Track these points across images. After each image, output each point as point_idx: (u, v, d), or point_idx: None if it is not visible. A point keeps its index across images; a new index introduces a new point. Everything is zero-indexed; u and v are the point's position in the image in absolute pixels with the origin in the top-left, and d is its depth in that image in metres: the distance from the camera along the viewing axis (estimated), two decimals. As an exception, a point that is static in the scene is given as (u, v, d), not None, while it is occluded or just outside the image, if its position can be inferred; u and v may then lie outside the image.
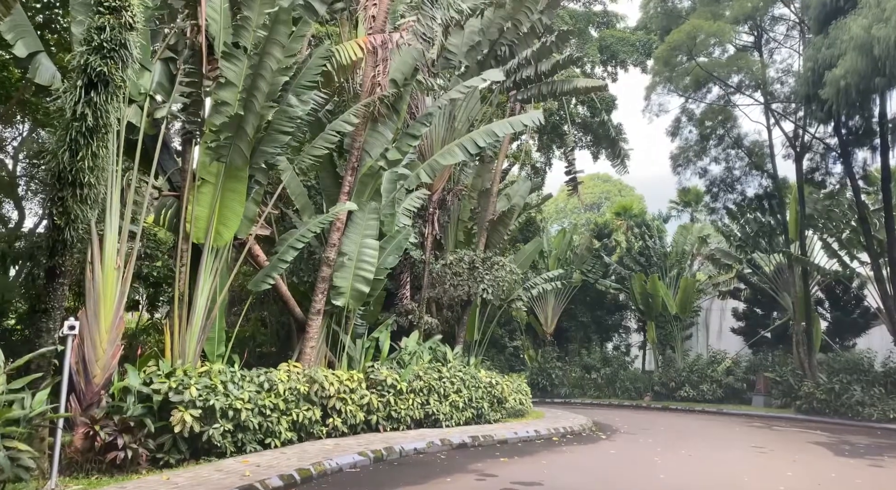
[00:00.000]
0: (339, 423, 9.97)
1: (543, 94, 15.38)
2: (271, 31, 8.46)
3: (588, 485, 8.06)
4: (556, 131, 29.06)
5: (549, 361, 24.66)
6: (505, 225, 16.85)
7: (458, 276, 15.26)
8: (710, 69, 20.68)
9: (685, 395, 23.13)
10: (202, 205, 8.89)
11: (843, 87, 12.39)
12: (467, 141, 11.91)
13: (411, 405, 11.27)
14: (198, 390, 7.79)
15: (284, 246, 9.73)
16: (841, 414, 18.84)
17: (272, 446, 8.74)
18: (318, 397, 9.72)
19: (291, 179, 11.25)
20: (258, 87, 8.61)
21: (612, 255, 27.94)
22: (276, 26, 8.49)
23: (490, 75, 12.95)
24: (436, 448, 10.08)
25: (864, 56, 11.84)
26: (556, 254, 25.87)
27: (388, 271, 12.11)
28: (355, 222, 11.30)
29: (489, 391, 13.06)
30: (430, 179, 11.83)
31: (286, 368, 9.64)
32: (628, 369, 26.03)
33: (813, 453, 11.61)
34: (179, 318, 8.71)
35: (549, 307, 25.29)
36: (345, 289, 11.19)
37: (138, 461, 7.17)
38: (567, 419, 14.69)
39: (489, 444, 10.88)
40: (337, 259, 11.09)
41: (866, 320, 22.96)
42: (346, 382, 10.28)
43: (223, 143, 8.61)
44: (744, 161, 22.98)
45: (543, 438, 12.01)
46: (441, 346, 13.63)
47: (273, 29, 8.44)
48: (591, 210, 50.74)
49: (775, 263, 23.44)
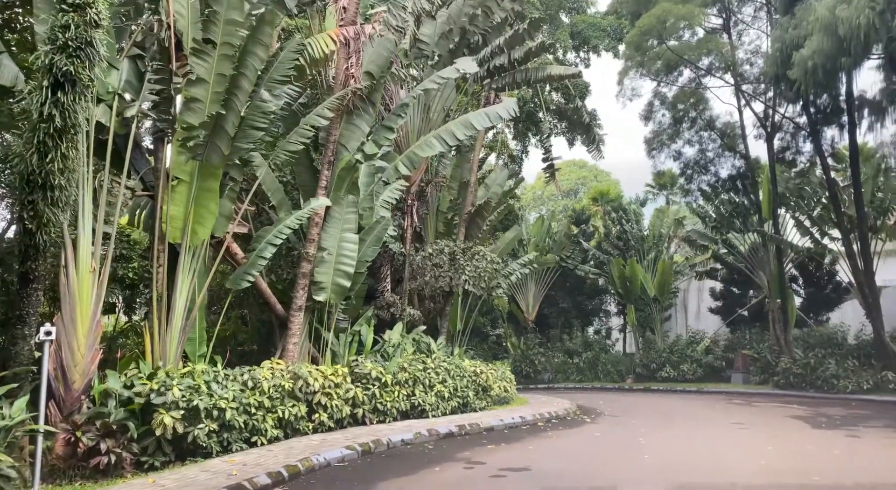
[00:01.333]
0: (325, 418, 9.96)
1: (518, 82, 15.38)
2: (254, 31, 8.35)
3: (575, 468, 8.17)
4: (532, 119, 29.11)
5: (532, 348, 24.86)
6: (484, 215, 16.89)
7: (439, 267, 15.27)
8: (680, 53, 20.86)
9: (666, 376, 23.50)
10: (177, 204, 8.76)
11: (811, 67, 12.59)
12: (445, 133, 11.87)
13: (397, 397, 11.30)
14: (181, 391, 7.72)
15: (262, 243, 9.65)
16: (817, 387, 19.30)
17: (259, 444, 8.70)
18: (302, 393, 9.69)
19: (267, 175, 11.13)
20: (240, 85, 8.51)
21: (590, 241, 28.17)
22: (259, 26, 8.38)
23: (464, 66, 12.90)
24: (423, 438, 10.12)
25: (829, 36, 12.04)
26: (534, 241, 26.01)
27: (368, 264, 12.07)
28: (333, 217, 11.24)
29: (474, 380, 13.14)
30: (409, 171, 11.79)
31: (269, 366, 9.58)
32: (610, 353, 26.33)
33: (791, 427, 11.90)
34: (159, 320, 8.60)
35: (529, 294, 25.46)
36: (326, 284, 11.15)
37: (122, 465, 7.10)
38: (551, 404, 14.84)
39: (476, 433, 10.96)
40: (316, 254, 11.02)
41: (839, 295, 23.50)
42: (331, 377, 10.26)
43: (199, 142, 8.48)
44: (716, 143, 23.30)
45: (529, 424, 12.13)
46: (425, 337, 13.66)
47: (257, 28, 8.33)
48: (568, 196, 50.97)
49: (750, 243, 23.85)
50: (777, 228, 21.91)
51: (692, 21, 20.31)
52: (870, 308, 19.12)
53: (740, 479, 7.39)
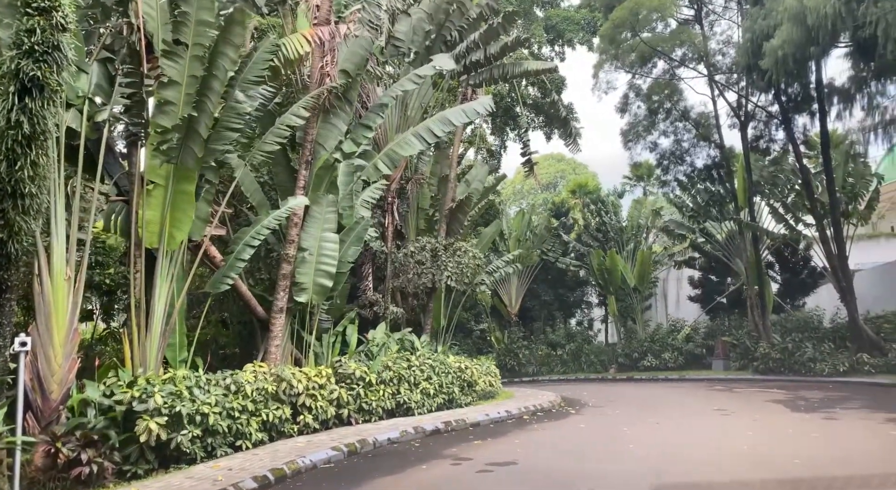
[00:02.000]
0: (310, 420, 9.91)
1: (495, 77, 15.40)
2: (224, 31, 8.22)
3: (561, 460, 8.23)
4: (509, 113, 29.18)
5: (516, 342, 24.99)
6: (465, 211, 16.90)
7: (421, 264, 15.27)
8: (654, 44, 21.06)
9: (648, 365, 23.77)
10: (153, 208, 8.63)
11: (781, 56, 12.79)
12: (423, 130, 11.84)
13: (382, 396, 11.28)
14: (163, 397, 7.62)
15: (240, 244, 9.54)
16: (795, 371, 19.66)
17: (243, 448, 8.63)
18: (286, 395, 9.63)
19: (244, 176, 11.02)
20: (211, 87, 8.38)
21: (570, 233, 28.36)
22: (229, 26, 8.25)
23: (441, 62, 12.86)
24: (409, 436, 10.12)
25: (798, 26, 12.23)
26: (515, 235, 26.12)
27: (350, 264, 12.02)
28: (313, 217, 11.15)
29: (459, 376, 13.17)
30: (389, 170, 11.75)
31: (252, 369, 9.50)
32: (592, 343, 26.59)
33: (771, 411, 12.12)
34: (138, 326, 8.48)
35: (512, 288, 25.57)
36: (307, 284, 11.07)
37: (104, 475, 6.99)
38: (536, 397, 14.93)
39: (462, 428, 10.99)
40: (297, 255, 10.94)
41: (814, 280, 23.97)
42: (315, 378, 10.21)
43: (173, 145, 8.36)
44: (691, 133, 23.59)
45: (515, 418, 12.19)
46: (409, 335, 13.65)
47: (226, 29, 8.20)
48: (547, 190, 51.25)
49: (726, 231, 24.21)
50: (753, 216, 22.26)
51: (664, 12, 20.52)
52: (844, 292, 19.52)
53: (724, 467, 7.51)
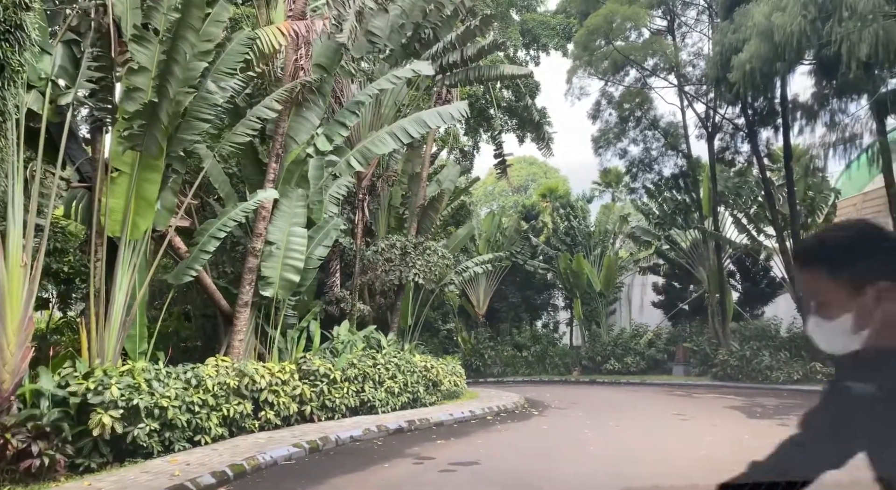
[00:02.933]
0: (271, 416, 9.79)
1: (471, 79, 15.43)
2: (184, 15, 8.05)
3: (523, 461, 8.30)
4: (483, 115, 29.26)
5: (482, 342, 25.08)
6: (436, 209, 16.90)
7: (390, 262, 15.21)
8: (626, 53, 21.36)
9: (611, 368, 24.09)
10: (117, 196, 8.42)
11: (749, 70, 13.10)
12: (398, 129, 11.78)
13: (346, 393, 11.21)
14: (119, 390, 7.44)
15: (206, 236, 9.36)
16: (752, 378, 20.14)
17: (202, 443, 8.48)
18: (248, 391, 9.50)
19: (213, 167, 10.82)
20: (172, 72, 8.18)
21: (539, 236, 28.59)
22: (187, 9, 8.07)
23: (419, 67, 12.71)
24: (372, 434, 10.08)
25: (766, 42, 12.55)
26: (485, 236, 26.22)
27: (319, 260, 11.91)
28: (282, 210, 11.01)
29: (424, 375, 13.16)
30: (362, 167, 11.65)
31: (214, 363, 9.35)
32: (557, 346, 26.83)
33: (729, 417, 12.40)
34: (97, 316, 8.26)
35: (480, 289, 25.66)
36: (273, 279, 10.93)
37: (56, 468, 6.80)
38: (500, 398, 15.02)
39: (425, 428, 10.98)
40: (264, 249, 10.79)
41: (773, 290, 24.60)
42: (278, 374, 10.09)
43: (137, 132, 8.15)
44: (660, 142, 24.00)
45: (478, 418, 12.24)
46: (375, 333, 13.59)
47: (185, 12, 8.03)
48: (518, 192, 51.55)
49: (691, 239, 24.70)
50: (717, 225, 22.76)
51: (637, 22, 20.82)
52: (800, 302, 20.07)
53: (682, 471, 7.66)
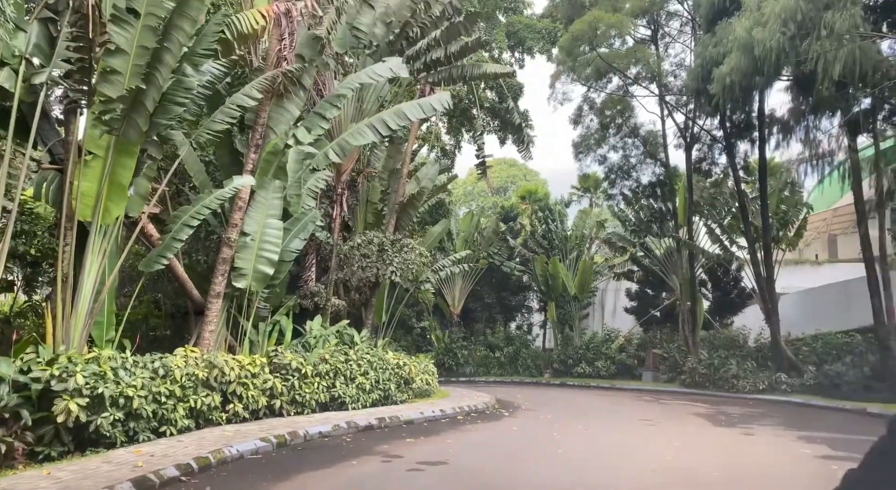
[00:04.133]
0: (240, 409, 9.68)
1: (454, 77, 15.42)
2: (179, 3, 7.89)
3: (491, 462, 8.32)
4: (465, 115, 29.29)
5: (456, 341, 25.12)
6: (415, 207, 16.86)
7: (366, 258, 15.15)
8: (610, 60, 21.55)
9: (582, 372, 24.29)
10: (89, 180, 8.23)
11: (729, 83, 13.31)
12: (377, 121, 11.70)
13: (316, 389, 11.13)
14: (84, 378, 7.28)
15: (178, 224, 9.19)
16: (719, 386, 20.46)
17: (168, 435, 8.35)
18: (217, 383, 9.38)
19: (189, 155, 10.66)
20: (162, 59, 8.04)
21: (517, 238, 28.72)
22: (188, 0, 7.93)
23: (395, 66, 12.44)
24: (341, 431, 10.02)
25: (746, 55, 12.77)
26: (463, 236, 26.26)
27: (294, 254, 11.79)
28: (258, 201, 10.88)
29: (396, 372, 13.13)
30: (340, 159, 11.54)
31: (183, 354, 9.21)
32: (530, 347, 26.99)
33: (695, 424, 12.59)
34: (63, 301, 8.07)
35: (456, 289, 25.70)
36: (247, 270, 10.79)
37: (14, 455, 6.63)
38: (472, 398, 15.05)
39: (395, 425, 10.95)
40: (238, 239, 10.65)
41: (742, 300, 25.02)
42: (248, 367, 9.98)
43: (117, 116, 7.97)
44: (639, 150, 24.27)
45: (449, 418, 12.25)
46: (348, 328, 13.51)
47: (184, 2, 7.87)
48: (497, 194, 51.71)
49: (665, 247, 25.02)
50: (691, 234, 23.09)
51: (621, 30, 21.01)
52: (769, 313, 20.47)
53: (647, 476, 7.75)
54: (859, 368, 18.35)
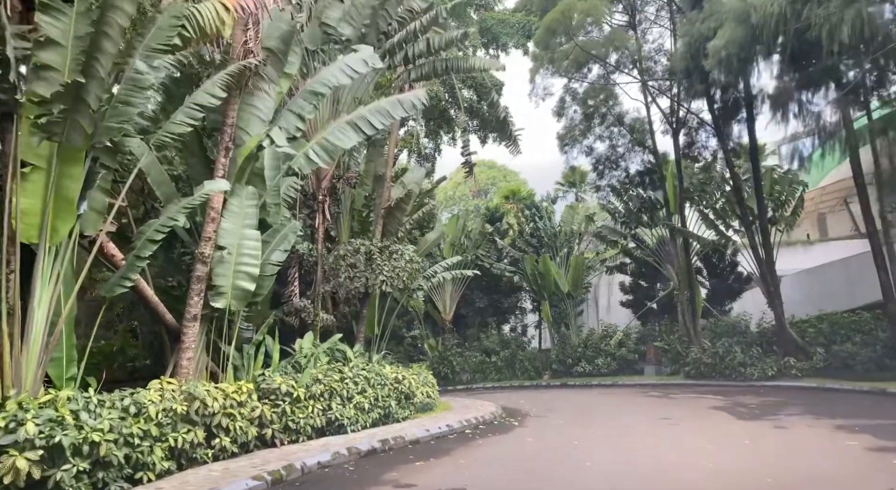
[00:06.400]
0: (227, 443, 8.64)
1: (438, 70, 14.52)
2: None
3: (515, 483, 7.39)
4: (444, 116, 28.53)
5: (450, 349, 24.22)
6: (403, 210, 15.91)
7: (354, 267, 14.17)
8: (588, 48, 20.88)
9: (582, 371, 23.56)
10: (30, 195, 7.14)
11: (725, 56, 12.63)
12: (360, 120, 10.70)
13: (311, 413, 10.11)
14: (38, 425, 6.21)
15: (142, 240, 8.12)
16: (726, 376, 19.79)
17: (144, 481, 7.29)
18: (199, 416, 8.33)
19: (152, 166, 9.60)
20: (101, 47, 7.00)
21: (504, 239, 27.94)
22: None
23: (367, 57, 11.52)
24: (342, 458, 9.03)
25: (742, 25, 12.09)
26: (450, 240, 25.42)
27: (276, 266, 10.75)
28: (232, 211, 9.83)
29: (396, 387, 12.15)
30: (322, 161, 10.46)
31: (158, 386, 8.15)
32: (526, 349, 26.18)
33: (718, 420, 11.78)
34: (11, 337, 6.98)
35: (447, 294, 24.80)
36: (225, 288, 9.72)
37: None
38: (476, 408, 14.11)
39: (401, 447, 9.98)
40: (214, 254, 9.59)
41: (740, 285, 24.47)
42: (233, 395, 8.94)
43: (56, 118, 6.92)
44: (626, 138, 23.63)
45: (457, 432, 11.30)
46: (340, 344, 12.50)
47: None
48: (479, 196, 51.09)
49: (657, 237, 24.40)
50: (683, 221, 22.46)
51: (595, 15, 20.33)
52: (771, 296, 19.85)
53: (694, 485, 6.88)
54: (871, 347, 17.77)
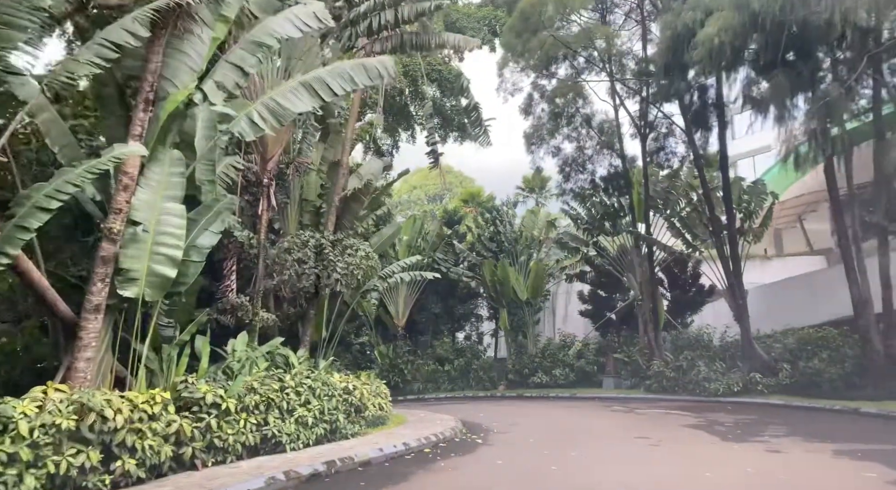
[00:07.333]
0: (132, 467, 6.91)
1: (405, 45, 13.08)
2: None
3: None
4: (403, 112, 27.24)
5: (401, 356, 22.73)
6: (359, 202, 14.33)
7: (302, 262, 12.53)
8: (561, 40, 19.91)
9: (539, 382, 22.53)
10: None
11: (717, 45, 11.68)
12: (317, 82, 9.02)
13: (243, 428, 8.45)
14: None
15: (27, 207, 6.34)
16: (689, 391, 19.01)
17: (11, 520, 5.55)
18: (95, 433, 6.60)
19: (52, 123, 7.77)
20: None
21: (462, 243, 26.67)
22: None
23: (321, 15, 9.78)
24: (279, 484, 7.42)
25: (740, 11, 11.17)
26: (406, 241, 23.98)
27: (206, 251, 9.00)
28: (151, 179, 8.05)
29: (345, 399, 10.57)
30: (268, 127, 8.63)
31: (38, 396, 6.37)
32: (481, 358, 24.94)
33: (700, 441, 10.68)
34: None
35: (400, 298, 23.28)
36: (138, 273, 7.91)
37: None
38: (434, 423, 12.66)
39: (350, 469, 8.43)
40: (125, 230, 7.80)
41: (702, 298, 23.85)
42: (143, 406, 7.23)
43: None
44: (594, 140, 22.73)
45: (414, 451, 9.80)
46: (282, 348, 10.84)
47: None
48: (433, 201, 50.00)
49: (619, 245, 23.59)
50: (648, 229, 21.69)
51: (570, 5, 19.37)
52: (739, 309, 19.17)
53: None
54: (839, 364, 17.18)
